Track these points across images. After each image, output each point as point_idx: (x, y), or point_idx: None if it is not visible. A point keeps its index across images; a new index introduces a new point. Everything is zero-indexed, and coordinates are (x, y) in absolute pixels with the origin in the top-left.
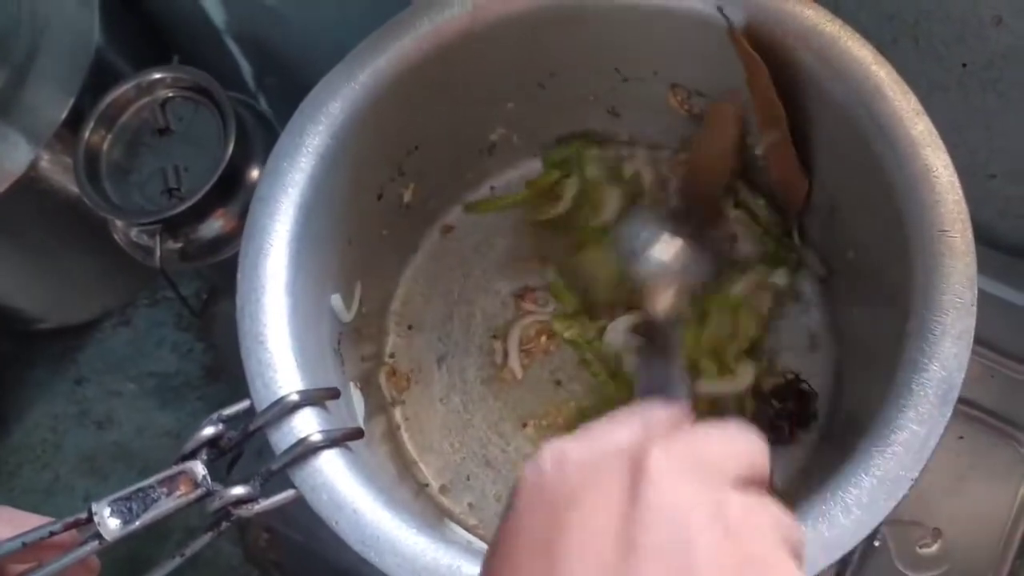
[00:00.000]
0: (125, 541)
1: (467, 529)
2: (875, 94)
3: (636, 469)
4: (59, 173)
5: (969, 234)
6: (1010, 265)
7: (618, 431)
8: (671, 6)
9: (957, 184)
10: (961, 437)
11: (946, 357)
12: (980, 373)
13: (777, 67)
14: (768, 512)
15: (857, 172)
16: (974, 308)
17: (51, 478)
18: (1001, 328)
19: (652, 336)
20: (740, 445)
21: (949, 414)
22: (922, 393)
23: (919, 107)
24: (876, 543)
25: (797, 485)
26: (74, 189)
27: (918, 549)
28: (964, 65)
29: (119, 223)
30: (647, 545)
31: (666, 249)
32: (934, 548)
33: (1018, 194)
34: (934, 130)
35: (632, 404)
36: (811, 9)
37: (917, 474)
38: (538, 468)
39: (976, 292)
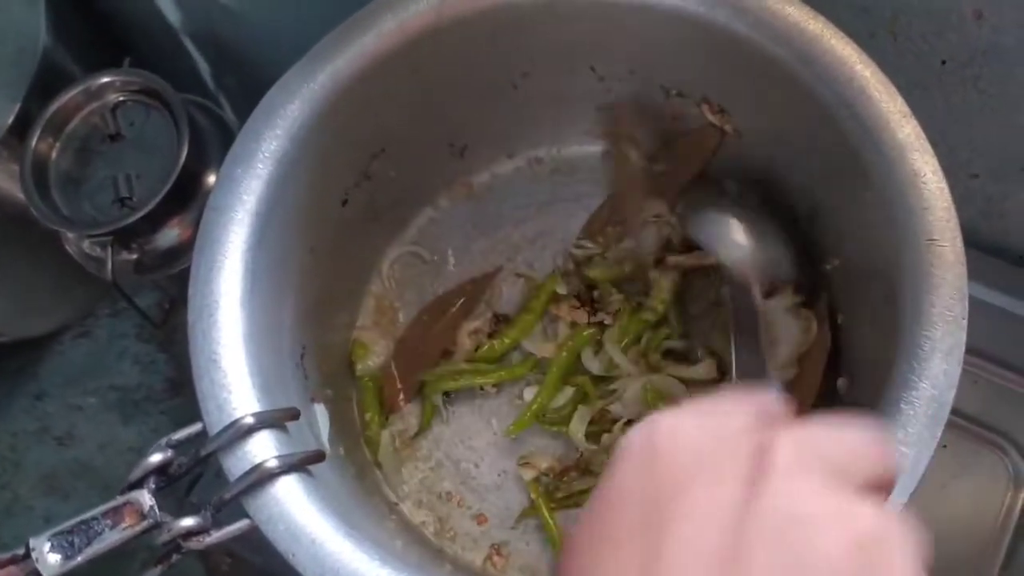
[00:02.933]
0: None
1: (440, 547)
2: (860, 95)
3: (761, 461)
4: (6, 181)
5: (959, 243)
6: (992, 267)
7: (735, 414)
8: (645, 1)
9: (947, 190)
10: (944, 445)
11: (936, 375)
12: (963, 379)
13: (757, 69)
14: (899, 528)
15: (841, 176)
16: (964, 322)
17: (10, 498)
18: (984, 332)
19: (743, 322)
20: (869, 446)
21: (939, 435)
22: (911, 412)
23: (906, 109)
24: None
25: None
26: (23, 198)
27: None
28: (943, 62)
29: (71, 235)
30: (763, 546)
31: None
32: None
33: (1000, 193)
34: (922, 133)
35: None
36: (792, 7)
37: (906, 499)
38: (649, 438)
39: (967, 305)
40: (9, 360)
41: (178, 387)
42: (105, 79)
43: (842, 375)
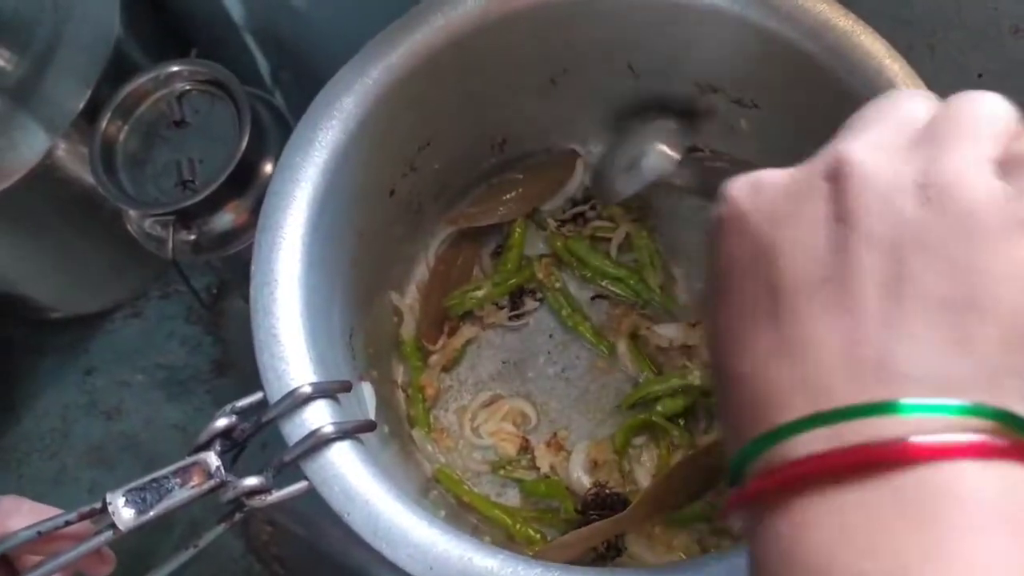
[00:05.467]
0: (135, 534)
1: (477, 523)
2: (889, 87)
3: (834, 167)
4: (74, 163)
5: None
6: None
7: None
8: (684, 1)
9: None
10: None
11: None
12: None
13: (788, 63)
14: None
15: None
16: None
17: (58, 467)
18: None
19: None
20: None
21: None
22: None
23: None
24: None
25: None
26: (89, 179)
27: None
28: (980, 75)
29: (133, 214)
30: (857, 230)
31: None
32: None
33: None
34: None
35: None
36: (824, 3)
37: None
38: (733, 201)
39: None
40: (62, 335)
41: (223, 368)
42: (174, 68)
43: None
